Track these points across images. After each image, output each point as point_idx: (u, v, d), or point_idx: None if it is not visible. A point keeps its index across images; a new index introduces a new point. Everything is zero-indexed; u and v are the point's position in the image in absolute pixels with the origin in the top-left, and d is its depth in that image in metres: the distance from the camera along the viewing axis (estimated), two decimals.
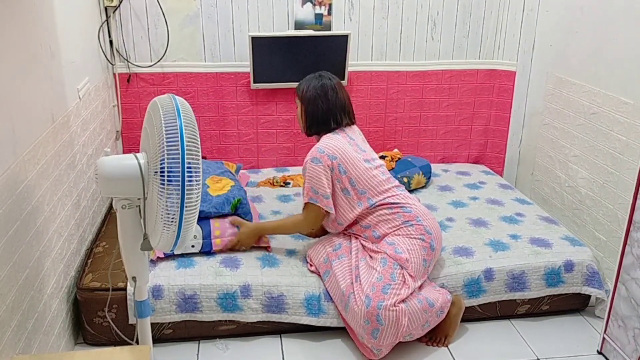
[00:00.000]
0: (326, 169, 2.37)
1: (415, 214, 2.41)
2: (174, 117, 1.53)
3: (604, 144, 2.81)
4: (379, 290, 2.25)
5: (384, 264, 2.32)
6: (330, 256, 2.45)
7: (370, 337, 2.25)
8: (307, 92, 2.47)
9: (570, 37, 3.06)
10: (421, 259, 2.36)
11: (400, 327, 2.24)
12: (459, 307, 2.44)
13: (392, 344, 2.30)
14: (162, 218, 1.54)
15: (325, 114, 2.45)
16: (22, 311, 1.86)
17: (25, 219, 1.90)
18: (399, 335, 2.27)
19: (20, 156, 1.87)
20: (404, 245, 2.35)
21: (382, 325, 2.22)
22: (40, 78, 2.12)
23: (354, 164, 2.40)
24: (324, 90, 2.46)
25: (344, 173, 2.39)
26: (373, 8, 3.43)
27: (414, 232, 2.39)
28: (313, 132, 2.51)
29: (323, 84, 2.47)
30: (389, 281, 2.27)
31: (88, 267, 2.44)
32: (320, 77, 2.50)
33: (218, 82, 3.45)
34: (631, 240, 2.18)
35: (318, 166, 2.36)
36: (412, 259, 2.33)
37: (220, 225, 2.56)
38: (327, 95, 2.45)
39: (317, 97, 2.45)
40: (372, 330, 2.23)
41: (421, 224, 2.40)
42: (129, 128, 3.45)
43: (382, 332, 2.23)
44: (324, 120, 2.46)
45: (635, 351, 2.19)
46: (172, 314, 2.37)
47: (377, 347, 2.27)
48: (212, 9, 3.29)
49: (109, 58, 3.23)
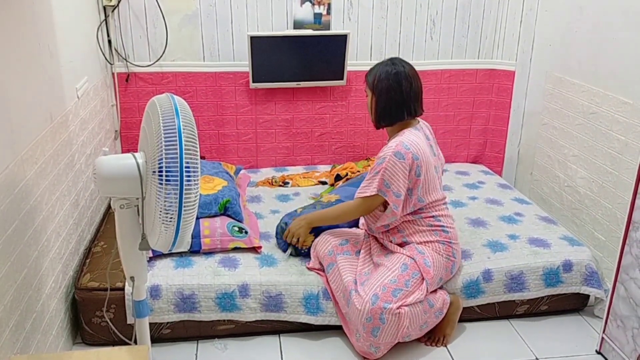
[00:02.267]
0: (406, 167, 2.23)
1: (450, 237, 2.40)
2: (173, 117, 1.52)
3: (603, 143, 2.81)
4: (389, 291, 2.24)
5: (403, 269, 2.30)
6: (336, 249, 2.45)
7: (369, 335, 2.24)
8: (380, 81, 2.28)
9: (570, 36, 3.06)
10: (439, 276, 2.38)
11: (401, 328, 2.24)
12: (456, 306, 2.44)
13: (391, 344, 2.30)
14: (161, 218, 1.54)
15: (399, 105, 2.29)
16: (20, 311, 1.86)
17: (24, 219, 1.90)
18: (398, 336, 2.27)
19: (18, 155, 1.87)
20: (432, 259, 2.34)
21: (383, 324, 2.22)
22: (39, 77, 2.12)
23: (427, 170, 2.30)
24: (398, 79, 2.27)
25: (418, 176, 2.28)
26: (372, 7, 3.42)
27: (444, 251, 2.38)
28: (384, 124, 2.35)
29: (397, 72, 2.27)
30: (402, 286, 2.26)
31: (86, 267, 2.44)
32: (394, 65, 2.30)
33: (217, 82, 3.45)
34: (630, 240, 2.18)
35: (401, 162, 2.23)
36: (434, 275, 2.34)
37: (209, 224, 2.55)
38: (401, 86, 2.27)
39: (390, 88, 2.27)
40: (373, 328, 2.23)
41: (451, 247, 2.40)
42: (128, 128, 3.44)
43: (382, 331, 2.23)
44: (397, 112, 2.30)
45: (634, 351, 2.19)
46: (171, 314, 2.36)
47: (376, 345, 2.27)
48: (211, 8, 3.28)
49: (108, 57, 3.22)
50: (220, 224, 2.57)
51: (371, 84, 2.31)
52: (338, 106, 3.61)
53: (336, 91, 3.57)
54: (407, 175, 2.25)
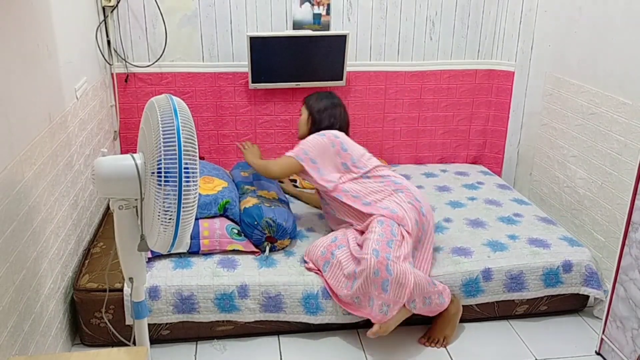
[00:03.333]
0: (326, 142, 2.61)
1: (405, 185, 2.60)
2: (171, 118, 1.52)
3: (602, 144, 2.81)
4: (384, 244, 2.33)
5: (381, 224, 2.42)
6: (330, 247, 2.48)
7: (380, 290, 2.26)
8: (318, 102, 2.76)
9: (569, 37, 3.06)
10: (414, 219, 2.46)
11: (407, 284, 2.27)
12: (457, 307, 2.45)
13: (398, 302, 2.28)
14: (159, 219, 1.53)
15: (330, 125, 2.72)
16: (18, 312, 1.85)
17: (22, 220, 1.90)
18: (406, 293, 2.27)
19: (17, 156, 1.86)
20: (397, 207, 2.49)
21: (391, 275, 2.25)
22: (37, 78, 2.12)
23: (353, 146, 2.66)
24: (334, 105, 2.77)
25: (345, 150, 2.62)
26: (371, 8, 3.42)
27: (405, 198, 2.53)
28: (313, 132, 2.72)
29: (334, 101, 2.78)
30: (391, 236, 2.37)
31: (85, 268, 2.44)
32: (332, 95, 2.83)
33: (216, 82, 3.44)
34: (629, 240, 2.18)
35: (321, 138, 2.62)
36: (406, 216, 2.45)
37: (209, 225, 2.55)
38: (335, 109, 2.76)
39: (326, 109, 2.74)
40: (382, 281, 2.25)
41: (410, 192, 2.57)
42: (127, 128, 3.44)
43: (391, 285, 2.26)
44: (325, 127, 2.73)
45: (633, 352, 2.19)
46: (169, 315, 2.36)
47: (387, 303, 2.27)
48: (210, 8, 3.28)
49: (107, 58, 3.22)
50: (220, 225, 2.57)
51: (309, 104, 2.79)
52: None
53: (336, 91, 3.56)
54: (325, 148, 2.60)
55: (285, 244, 2.62)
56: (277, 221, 2.56)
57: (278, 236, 2.57)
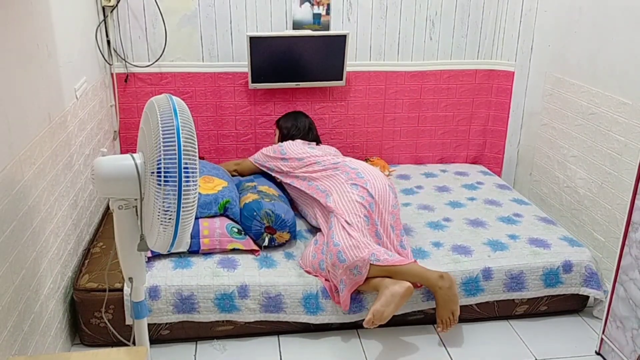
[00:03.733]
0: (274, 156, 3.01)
1: (344, 162, 2.83)
2: (171, 118, 1.52)
3: (602, 144, 2.81)
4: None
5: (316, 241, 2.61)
6: (317, 250, 2.53)
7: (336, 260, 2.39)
8: (285, 121, 3.22)
9: (569, 37, 3.06)
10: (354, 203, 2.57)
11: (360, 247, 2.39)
12: (449, 279, 2.35)
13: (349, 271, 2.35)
14: (159, 218, 1.53)
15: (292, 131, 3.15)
16: (18, 312, 1.85)
17: (22, 220, 1.90)
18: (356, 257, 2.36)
19: (16, 156, 1.86)
20: (332, 192, 2.67)
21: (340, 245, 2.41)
22: (37, 78, 2.11)
23: (296, 150, 2.98)
24: (296, 117, 3.23)
25: (283, 154, 2.98)
26: (371, 8, 3.42)
27: (343, 177, 2.72)
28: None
29: (297, 115, 3.25)
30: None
31: (85, 268, 2.43)
32: (297, 113, 3.29)
33: (216, 82, 3.44)
34: (629, 241, 2.18)
35: (274, 151, 3.04)
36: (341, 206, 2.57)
37: (209, 225, 2.55)
38: (297, 119, 3.21)
39: (288, 120, 3.22)
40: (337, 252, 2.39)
41: (349, 168, 2.76)
42: (127, 128, 3.44)
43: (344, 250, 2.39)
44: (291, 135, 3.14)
45: (633, 352, 2.19)
46: (169, 315, 2.36)
47: (352, 265, 2.36)
48: (210, 8, 3.28)
49: (107, 58, 3.22)
50: (220, 224, 2.57)
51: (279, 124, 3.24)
52: (337, 107, 3.61)
53: (335, 92, 3.57)
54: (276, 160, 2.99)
55: (284, 237, 2.62)
56: (275, 212, 2.57)
57: (277, 227, 2.57)
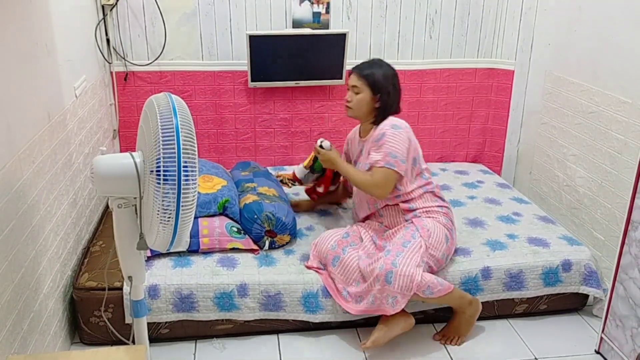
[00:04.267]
0: (406, 137, 2.43)
1: (447, 204, 2.59)
2: (170, 116, 1.52)
3: (602, 143, 2.80)
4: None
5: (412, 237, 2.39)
6: (340, 243, 2.48)
7: (384, 283, 2.23)
8: (382, 80, 2.47)
9: (569, 36, 3.05)
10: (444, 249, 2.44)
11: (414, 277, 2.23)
12: (475, 308, 2.43)
13: (406, 295, 2.25)
14: (159, 217, 1.53)
15: (396, 101, 2.53)
16: (17, 311, 1.85)
17: (21, 218, 1.90)
18: (413, 286, 2.23)
19: (15, 155, 1.86)
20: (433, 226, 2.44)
21: (395, 267, 2.24)
22: (36, 76, 2.11)
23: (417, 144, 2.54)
24: (396, 78, 2.52)
25: (415, 146, 2.50)
26: (371, 6, 3.42)
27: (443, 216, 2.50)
28: (379, 119, 2.51)
29: (394, 73, 2.51)
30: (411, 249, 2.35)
31: (84, 267, 2.43)
32: (384, 64, 2.53)
33: (215, 81, 3.44)
34: (629, 239, 2.18)
35: (399, 132, 2.42)
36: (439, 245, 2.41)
37: (208, 224, 2.55)
38: (397, 83, 2.52)
39: (390, 85, 2.48)
40: (386, 273, 2.23)
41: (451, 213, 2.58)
42: (126, 127, 3.44)
43: (395, 276, 2.22)
44: (395, 107, 2.53)
45: (633, 351, 2.19)
46: (169, 314, 2.36)
47: (393, 294, 2.24)
48: (209, 7, 3.28)
49: (106, 56, 3.21)
50: (219, 223, 2.57)
51: (372, 82, 2.47)
52: (337, 105, 3.61)
53: (335, 90, 3.57)
54: (407, 145, 2.42)
55: (285, 239, 2.62)
56: (276, 215, 2.57)
57: (277, 230, 2.57)
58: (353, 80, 2.51)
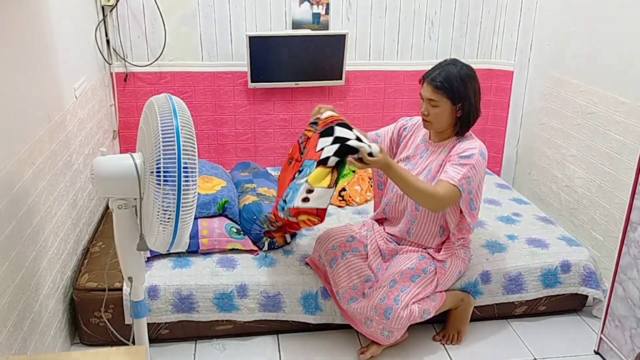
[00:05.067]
0: (484, 171, 2.24)
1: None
2: (170, 117, 1.52)
3: (601, 143, 2.81)
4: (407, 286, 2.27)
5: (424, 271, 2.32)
6: (343, 246, 2.39)
7: (382, 317, 2.21)
8: (461, 87, 2.13)
9: (568, 36, 3.06)
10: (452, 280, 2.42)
11: (412, 316, 2.24)
12: (468, 303, 2.45)
13: (401, 330, 2.27)
14: (159, 218, 1.54)
15: (479, 107, 2.21)
16: (17, 311, 1.85)
17: (21, 219, 1.90)
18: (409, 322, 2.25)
19: (16, 156, 1.86)
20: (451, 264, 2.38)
21: (397, 305, 2.21)
22: (36, 77, 2.11)
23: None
24: (474, 80, 2.18)
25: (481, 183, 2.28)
26: (370, 7, 3.42)
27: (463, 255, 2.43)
28: (463, 130, 2.23)
29: (471, 74, 2.17)
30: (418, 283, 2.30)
31: (84, 267, 2.43)
32: (463, 66, 2.17)
33: (215, 82, 3.44)
34: (628, 240, 2.18)
35: (483, 163, 2.20)
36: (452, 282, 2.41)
37: (208, 225, 2.55)
38: (477, 86, 2.19)
39: (471, 91, 2.15)
40: (386, 309, 2.21)
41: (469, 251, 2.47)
42: (126, 127, 3.44)
43: (394, 312, 2.20)
44: (474, 118, 2.21)
45: (632, 351, 2.19)
46: (169, 314, 2.36)
47: (389, 329, 2.24)
48: (209, 8, 3.28)
49: (106, 57, 3.22)
50: (219, 224, 2.57)
51: (453, 93, 2.14)
52: (337, 106, 3.61)
53: (335, 91, 3.57)
54: (483, 178, 2.24)
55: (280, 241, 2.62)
56: None
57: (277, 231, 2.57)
58: (428, 93, 2.17)
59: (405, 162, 2.40)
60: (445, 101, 2.15)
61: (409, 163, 2.39)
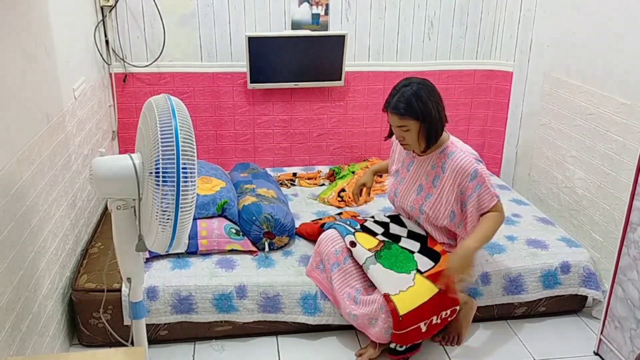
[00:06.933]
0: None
1: None
2: (169, 118, 1.52)
3: (601, 144, 2.81)
4: None
5: None
6: (344, 251, 2.38)
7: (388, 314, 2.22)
8: (421, 105, 2.18)
9: (568, 37, 3.06)
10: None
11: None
12: (470, 306, 2.45)
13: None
14: (157, 219, 1.53)
15: (443, 114, 2.26)
16: (16, 312, 1.85)
17: (20, 220, 1.89)
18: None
19: (15, 156, 1.86)
20: None
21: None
22: (36, 78, 2.11)
23: None
24: (430, 90, 2.22)
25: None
26: (370, 8, 3.42)
27: None
28: (434, 140, 2.26)
29: (424, 87, 2.21)
30: None
31: (83, 268, 2.43)
32: (416, 83, 2.22)
33: (215, 82, 3.44)
34: (628, 241, 2.18)
35: (481, 164, 2.27)
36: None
37: (207, 225, 2.54)
38: (435, 95, 2.23)
39: (430, 103, 2.19)
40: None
41: None
42: (125, 128, 3.44)
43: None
44: (442, 126, 2.27)
45: (631, 352, 2.19)
46: (168, 315, 2.36)
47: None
48: (208, 8, 3.28)
49: (105, 58, 3.21)
50: (218, 225, 2.57)
51: (417, 114, 2.19)
52: (336, 107, 3.61)
53: (334, 92, 3.57)
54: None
55: (283, 241, 2.62)
56: (275, 217, 2.57)
57: (276, 232, 2.57)
58: (395, 121, 2.24)
59: (395, 176, 2.52)
60: (413, 122, 2.21)
61: (398, 176, 2.51)
